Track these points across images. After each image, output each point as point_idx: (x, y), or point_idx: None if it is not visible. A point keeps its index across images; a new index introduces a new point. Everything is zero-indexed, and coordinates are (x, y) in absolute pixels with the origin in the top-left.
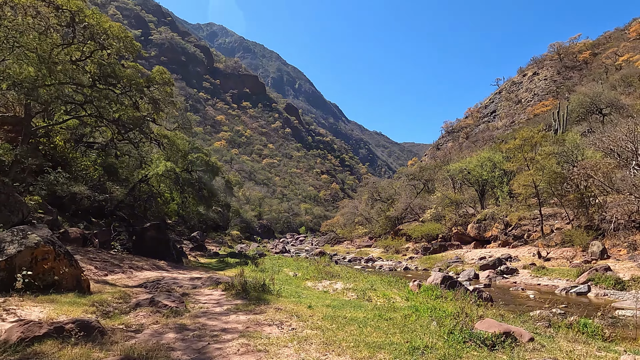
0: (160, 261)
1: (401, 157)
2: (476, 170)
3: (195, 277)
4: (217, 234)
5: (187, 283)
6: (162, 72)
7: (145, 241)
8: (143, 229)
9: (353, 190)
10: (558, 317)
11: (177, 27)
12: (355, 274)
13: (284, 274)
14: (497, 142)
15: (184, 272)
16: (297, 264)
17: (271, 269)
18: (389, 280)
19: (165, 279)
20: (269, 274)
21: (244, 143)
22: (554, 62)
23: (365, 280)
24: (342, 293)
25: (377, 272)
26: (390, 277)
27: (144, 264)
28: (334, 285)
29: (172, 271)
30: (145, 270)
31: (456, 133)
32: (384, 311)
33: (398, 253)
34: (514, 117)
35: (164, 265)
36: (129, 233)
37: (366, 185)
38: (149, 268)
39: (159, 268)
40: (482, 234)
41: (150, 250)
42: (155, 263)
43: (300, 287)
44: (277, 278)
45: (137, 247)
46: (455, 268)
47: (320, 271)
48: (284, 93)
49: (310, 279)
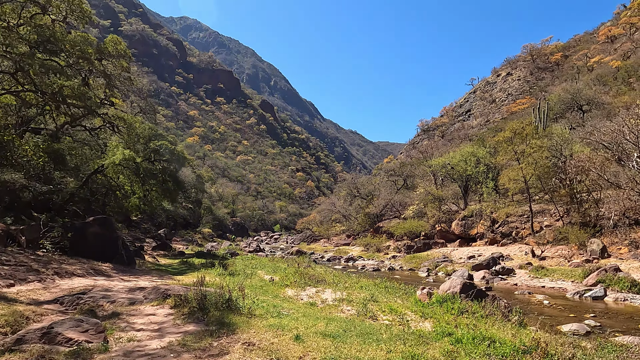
0: (104, 264)
1: (376, 156)
2: (460, 166)
3: (139, 287)
4: (186, 231)
5: (123, 296)
6: (116, 42)
7: (87, 239)
8: (84, 225)
9: (328, 188)
10: (597, 331)
11: (148, 19)
12: (343, 277)
13: (259, 278)
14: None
15: (130, 278)
16: (273, 265)
17: (243, 272)
18: (385, 285)
19: (96, 289)
20: (239, 279)
21: (218, 139)
22: (527, 63)
23: (358, 287)
24: (334, 306)
25: (360, 273)
26: (387, 282)
27: (78, 268)
28: (321, 295)
29: (114, 277)
30: (77, 276)
31: (432, 131)
32: (409, 342)
33: (379, 252)
34: (488, 116)
35: (107, 270)
36: (65, 229)
37: (344, 182)
38: (83, 274)
39: (98, 273)
40: (467, 232)
41: (93, 250)
42: (96, 266)
43: (278, 297)
44: (250, 284)
45: (76, 246)
46: (444, 268)
47: (302, 275)
48: (259, 90)
49: (290, 285)
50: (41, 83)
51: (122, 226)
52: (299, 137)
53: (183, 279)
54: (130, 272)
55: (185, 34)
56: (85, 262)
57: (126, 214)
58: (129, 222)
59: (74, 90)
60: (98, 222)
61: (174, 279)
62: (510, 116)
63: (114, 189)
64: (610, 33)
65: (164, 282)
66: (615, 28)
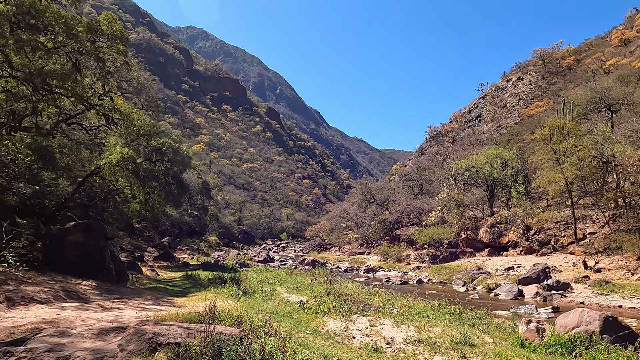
0: (85, 282)
1: (382, 164)
2: (485, 168)
3: (116, 327)
4: (192, 240)
5: (86, 346)
6: (111, 21)
7: (66, 250)
8: (62, 232)
9: (335, 195)
10: None
11: (155, 28)
12: (389, 298)
13: (282, 299)
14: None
15: (114, 303)
16: (293, 280)
17: (260, 290)
18: (449, 311)
19: (48, 331)
20: (258, 300)
21: (224, 147)
22: (537, 68)
23: (422, 315)
24: (413, 355)
25: (387, 287)
26: (451, 307)
27: (43, 290)
28: (381, 330)
29: (91, 303)
30: (37, 302)
31: (441, 137)
32: None
33: (399, 261)
34: (500, 121)
35: (87, 290)
36: (37, 237)
37: (358, 186)
38: (48, 298)
39: (71, 297)
40: (497, 240)
41: (72, 264)
42: (71, 286)
43: (319, 332)
44: (275, 309)
45: (51, 258)
46: (483, 281)
47: (338, 295)
48: (265, 98)
49: (329, 312)
50: (17, 62)
51: (123, 234)
52: (305, 145)
53: (186, 304)
54: (118, 293)
55: (192, 43)
56: (61, 279)
57: (127, 220)
58: (131, 230)
59: (56, 71)
60: (80, 229)
61: (173, 304)
62: (528, 119)
63: (112, 193)
64: (624, 36)
65: (157, 312)
66: (629, 31)
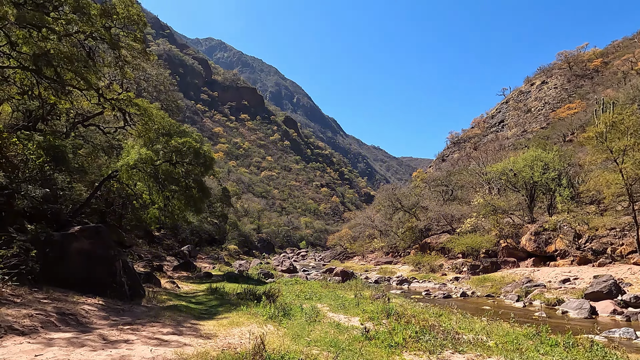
0: (91, 299)
1: (399, 171)
2: (525, 171)
3: None
4: (212, 248)
5: None
6: (127, 4)
7: (69, 260)
8: (65, 238)
9: (353, 203)
10: None
11: (175, 40)
12: (465, 321)
13: (329, 321)
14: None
15: (122, 334)
16: (332, 295)
17: (300, 309)
18: (564, 342)
19: None
20: (301, 324)
21: (242, 155)
22: (563, 71)
23: (531, 349)
24: None
25: (430, 300)
26: (559, 336)
27: (30, 313)
28: None
29: (91, 333)
30: (17, 333)
31: (462, 143)
32: None
33: (433, 272)
34: (524, 125)
35: (90, 312)
36: (36, 244)
37: (383, 193)
38: (34, 326)
39: (67, 322)
40: (542, 249)
41: (77, 277)
42: (69, 307)
43: None
44: (331, 340)
45: (52, 270)
46: (540, 296)
47: (400, 318)
48: (282, 107)
49: (407, 344)
50: (20, 42)
51: (142, 242)
52: (322, 153)
53: (216, 332)
54: (130, 315)
55: (211, 55)
56: (59, 297)
57: (146, 227)
58: (150, 238)
59: (63, 52)
60: (87, 234)
61: (199, 332)
62: (559, 122)
63: (130, 199)
64: None
65: (179, 350)
66: None
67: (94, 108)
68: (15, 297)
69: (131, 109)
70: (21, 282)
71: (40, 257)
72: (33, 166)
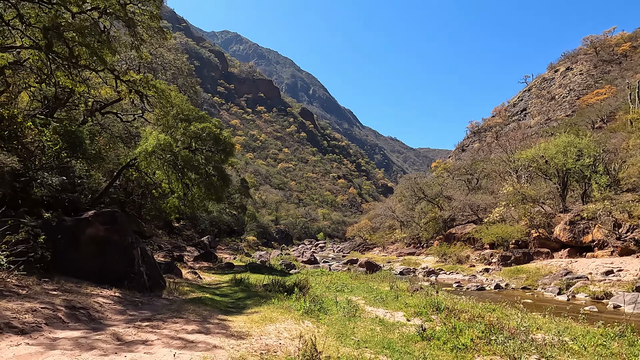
0: (106, 290)
1: (417, 163)
2: (558, 158)
3: None
4: (231, 239)
5: None
6: None
7: (82, 247)
8: (77, 223)
9: (371, 195)
10: None
11: (191, 33)
12: (530, 319)
13: (370, 316)
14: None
15: (140, 331)
16: (364, 287)
17: (334, 303)
18: None
19: None
20: (339, 320)
21: (259, 147)
22: (589, 56)
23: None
24: None
25: (462, 293)
26: None
27: (34, 307)
28: None
29: (104, 329)
30: (14, 332)
31: (483, 133)
32: None
33: (460, 263)
34: (548, 113)
35: (105, 305)
36: (47, 230)
37: (405, 182)
38: (38, 323)
39: (77, 318)
40: (578, 239)
41: (91, 266)
42: (81, 300)
43: None
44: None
45: (64, 258)
46: (584, 288)
47: (451, 313)
48: (299, 98)
49: (477, 346)
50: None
51: (162, 232)
52: (339, 144)
53: (248, 330)
54: (150, 308)
55: (227, 47)
56: (71, 288)
57: (165, 218)
58: (169, 229)
59: (74, 24)
60: (102, 219)
61: (229, 331)
62: (587, 109)
63: (149, 188)
64: None
65: (207, 353)
66: None
67: (112, 95)
68: (20, 288)
69: (149, 91)
70: (30, 272)
71: (52, 244)
72: (50, 153)
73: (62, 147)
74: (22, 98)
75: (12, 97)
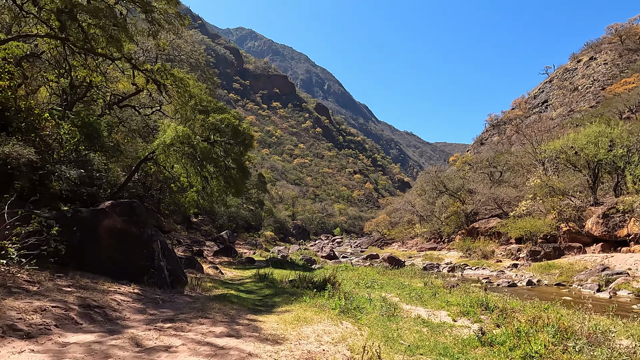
0: (125, 286)
1: (433, 157)
2: (588, 149)
3: None
4: (249, 234)
5: None
6: None
7: (99, 240)
8: (93, 214)
9: (387, 190)
10: None
11: (207, 30)
12: (587, 319)
13: (409, 316)
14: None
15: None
16: (395, 283)
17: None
18: None
19: None
20: (379, 320)
21: (275, 143)
22: (613, 45)
23: None
24: None
25: (493, 289)
26: None
27: (44, 306)
28: None
29: (121, 332)
30: (18, 335)
31: (502, 126)
32: None
33: (486, 258)
34: (571, 105)
35: (123, 303)
36: (61, 221)
37: (426, 176)
38: (46, 324)
39: (92, 318)
40: (612, 233)
41: (109, 260)
42: (97, 297)
43: None
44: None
45: (81, 252)
46: (627, 285)
47: (503, 313)
48: (313, 94)
49: (552, 355)
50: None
51: (180, 227)
52: (354, 139)
53: (283, 333)
54: (172, 307)
55: (242, 44)
56: (87, 284)
57: (184, 212)
58: (188, 224)
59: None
60: (120, 210)
61: (262, 333)
62: (615, 98)
63: (168, 182)
64: None
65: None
66: None
67: (129, 89)
68: (31, 284)
69: (167, 80)
70: (43, 266)
71: (66, 237)
72: (68, 146)
73: (79, 139)
74: (42, 93)
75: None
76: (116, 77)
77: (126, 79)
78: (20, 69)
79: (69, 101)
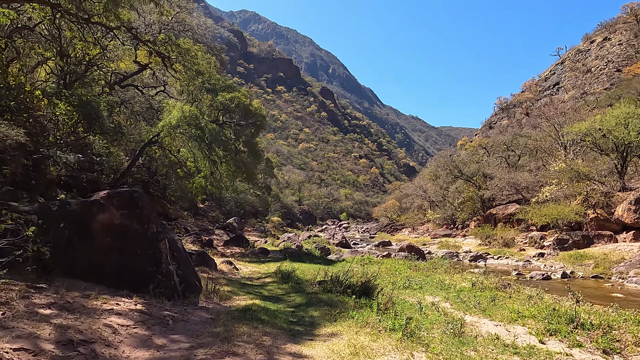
0: (125, 298)
1: (439, 142)
2: (618, 131)
3: None
4: (257, 220)
5: None
6: None
7: (93, 239)
8: (87, 207)
9: (393, 174)
10: None
11: (210, 13)
12: None
13: (482, 334)
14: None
15: None
16: (434, 281)
17: (415, 310)
18: None
19: None
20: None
21: (280, 127)
22: (629, 25)
23: None
24: None
25: (525, 282)
26: None
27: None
28: None
29: None
30: None
31: (512, 109)
32: None
33: (507, 246)
34: (584, 87)
35: (119, 331)
36: (44, 215)
37: (439, 159)
38: None
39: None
40: None
41: (104, 265)
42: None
43: None
44: None
45: (70, 255)
46: None
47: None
48: (318, 78)
49: None
50: None
51: (187, 214)
52: (360, 124)
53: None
54: (186, 331)
55: (245, 27)
56: (74, 298)
57: (190, 199)
58: (195, 210)
59: None
60: (117, 202)
61: None
62: (634, 79)
63: (174, 167)
64: None
65: None
66: None
67: (131, 68)
68: None
69: (172, 53)
70: (19, 276)
71: (52, 236)
72: (65, 128)
73: (77, 120)
74: (40, 73)
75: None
76: (117, 55)
77: (128, 58)
78: (11, 42)
79: (68, 81)
